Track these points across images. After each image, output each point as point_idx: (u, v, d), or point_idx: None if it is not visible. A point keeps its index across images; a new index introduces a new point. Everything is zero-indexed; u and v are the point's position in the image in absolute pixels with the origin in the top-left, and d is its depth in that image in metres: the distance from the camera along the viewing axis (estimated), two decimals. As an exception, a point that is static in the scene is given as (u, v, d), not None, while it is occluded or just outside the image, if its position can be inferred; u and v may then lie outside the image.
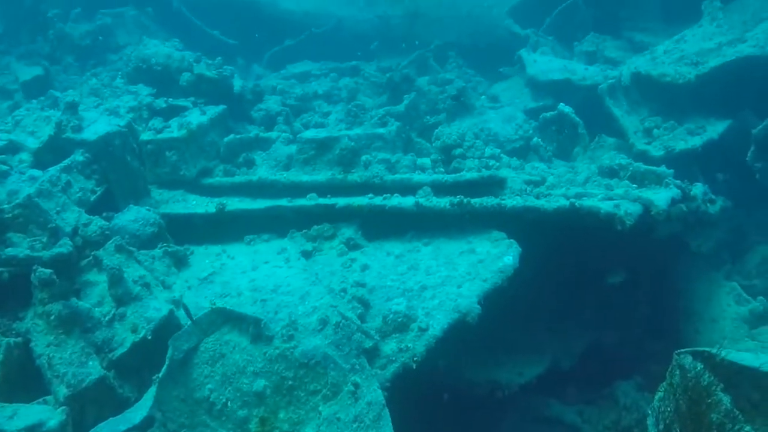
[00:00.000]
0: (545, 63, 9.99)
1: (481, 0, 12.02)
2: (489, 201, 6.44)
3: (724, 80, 8.52)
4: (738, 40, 8.94)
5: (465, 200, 6.36)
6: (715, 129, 8.36)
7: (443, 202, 6.46)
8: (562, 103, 8.90)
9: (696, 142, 8.15)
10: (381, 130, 7.60)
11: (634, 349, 7.25)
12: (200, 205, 7.20)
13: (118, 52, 11.62)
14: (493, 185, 6.83)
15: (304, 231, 6.78)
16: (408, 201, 6.56)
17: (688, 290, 7.61)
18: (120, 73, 9.97)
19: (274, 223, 6.96)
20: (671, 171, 7.29)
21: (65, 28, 11.56)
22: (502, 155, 8.07)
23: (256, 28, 12.69)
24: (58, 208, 6.43)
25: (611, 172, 7.45)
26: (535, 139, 8.77)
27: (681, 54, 9.00)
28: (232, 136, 7.93)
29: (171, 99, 8.51)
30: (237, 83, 9.12)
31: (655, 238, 6.97)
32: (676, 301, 7.53)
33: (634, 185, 7.07)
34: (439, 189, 6.80)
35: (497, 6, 11.94)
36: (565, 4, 11.31)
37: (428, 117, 9.24)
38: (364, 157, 7.21)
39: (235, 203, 7.16)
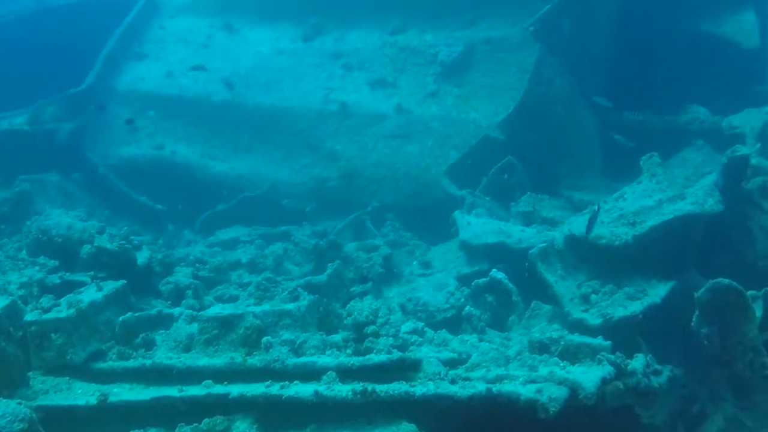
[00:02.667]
0: (479, 225, 9.49)
1: (419, 160, 11.73)
2: (397, 388, 5.72)
3: (665, 240, 7.99)
4: (678, 196, 8.52)
5: (369, 388, 5.64)
6: (657, 292, 7.74)
7: (345, 390, 5.74)
8: (494, 269, 8.37)
9: (636, 308, 7.50)
10: (289, 306, 6.94)
11: None
12: (84, 395, 6.43)
13: (36, 221, 11.13)
14: (406, 368, 6.13)
15: (195, 425, 5.98)
16: (307, 390, 5.81)
17: (641, 470, 6.85)
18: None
19: (165, 415, 6.16)
20: (608, 343, 6.64)
21: (-21, 194, 11.14)
22: (426, 329, 7.37)
23: (189, 191, 12.30)
24: None
25: (542, 347, 6.79)
26: (467, 308, 8.16)
27: (620, 213, 8.51)
28: (129, 314, 7.23)
29: (68, 274, 7.89)
30: (144, 255, 8.52)
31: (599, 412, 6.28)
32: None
33: (564, 362, 6.40)
34: (346, 374, 6.08)
35: (435, 166, 11.61)
36: (500, 163, 10.99)
37: (356, 286, 8.70)
38: (264, 339, 6.51)
39: (125, 392, 6.39)
